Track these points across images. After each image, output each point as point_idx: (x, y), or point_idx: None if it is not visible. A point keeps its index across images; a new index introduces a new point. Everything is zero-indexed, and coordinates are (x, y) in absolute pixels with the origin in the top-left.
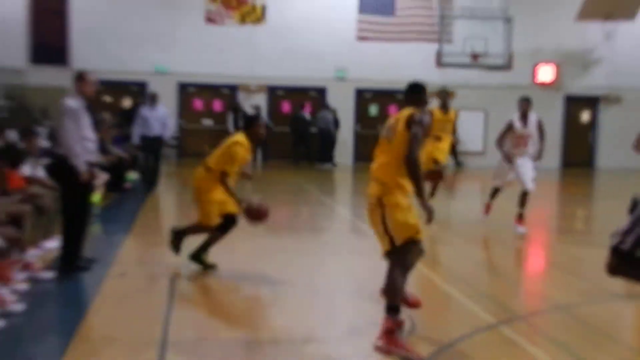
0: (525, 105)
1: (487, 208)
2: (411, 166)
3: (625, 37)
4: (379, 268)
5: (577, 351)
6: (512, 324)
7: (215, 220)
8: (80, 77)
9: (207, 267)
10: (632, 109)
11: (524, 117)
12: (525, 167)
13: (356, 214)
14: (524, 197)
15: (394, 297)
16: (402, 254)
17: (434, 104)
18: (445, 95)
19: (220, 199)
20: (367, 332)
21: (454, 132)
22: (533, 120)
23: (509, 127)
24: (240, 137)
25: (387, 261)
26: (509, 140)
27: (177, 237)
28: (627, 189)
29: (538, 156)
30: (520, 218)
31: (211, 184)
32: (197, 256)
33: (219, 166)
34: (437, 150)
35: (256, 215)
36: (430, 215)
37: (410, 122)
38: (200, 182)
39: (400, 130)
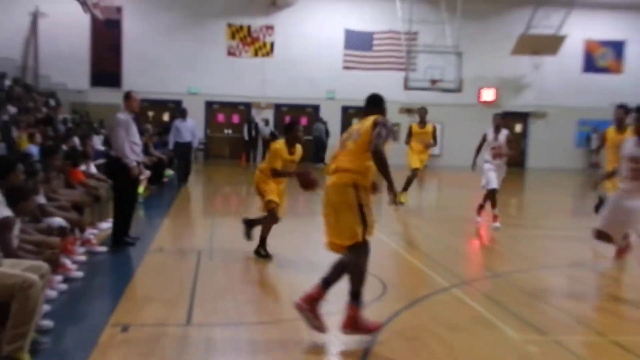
0: (498, 119)
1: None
2: (377, 158)
3: (549, 68)
4: None
5: (511, 308)
6: (461, 287)
7: (277, 198)
8: (127, 96)
9: (249, 238)
10: (554, 122)
11: (497, 130)
12: (497, 178)
13: None
14: (493, 197)
15: (361, 284)
16: (361, 251)
17: (414, 120)
18: (423, 113)
19: (275, 191)
20: (385, 306)
21: (434, 142)
22: (504, 134)
23: (483, 139)
24: (277, 142)
25: (349, 252)
26: (485, 150)
27: (249, 225)
28: (550, 184)
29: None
30: (494, 216)
31: (264, 179)
32: (249, 224)
33: (267, 165)
34: (414, 159)
35: (307, 182)
36: (394, 198)
37: (375, 123)
38: (257, 180)
39: (367, 131)
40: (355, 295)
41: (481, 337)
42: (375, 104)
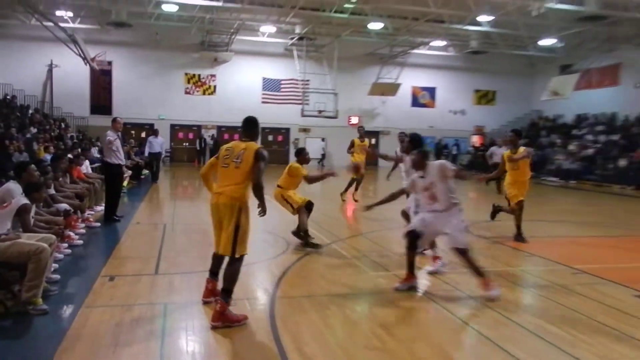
0: (402, 137)
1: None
2: (258, 189)
3: (391, 103)
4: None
5: (368, 255)
6: (338, 243)
7: (302, 203)
8: (114, 120)
9: (312, 245)
10: (394, 137)
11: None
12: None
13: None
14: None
15: (233, 284)
16: (239, 261)
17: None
18: (362, 131)
19: (298, 196)
20: (288, 257)
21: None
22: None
23: (396, 155)
24: (294, 164)
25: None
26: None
27: (304, 237)
28: (393, 177)
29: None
30: None
31: (285, 192)
32: (299, 234)
33: (286, 181)
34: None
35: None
36: (264, 211)
37: (258, 156)
38: (279, 194)
39: (249, 160)
40: (227, 293)
41: (349, 274)
42: (252, 126)
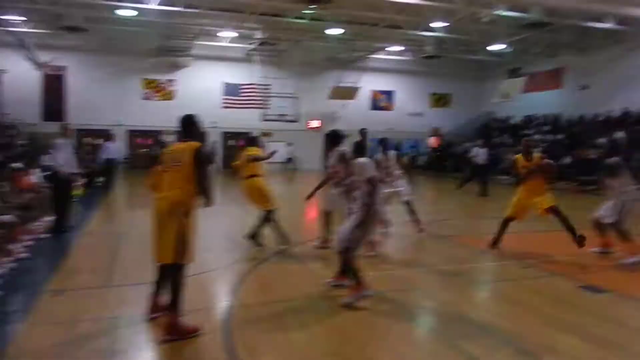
0: (384, 143)
1: None
2: (208, 194)
3: (351, 107)
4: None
5: (322, 256)
6: (297, 247)
7: (275, 203)
8: (64, 127)
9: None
10: (354, 139)
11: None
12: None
13: (232, 198)
14: (409, 206)
15: (179, 295)
16: (182, 269)
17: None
18: (364, 133)
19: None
20: (245, 264)
21: None
22: (392, 155)
23: (378, 162)
24: (258, 150)
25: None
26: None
27: (255, 236)
28: None
29: (410, 188)
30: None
31: (264, 182)
32: (253, 237)
33: (254, 168)
34: None
35: None
36: (210, 203)
37: (199, 159)
38: (255, 185)
39: (188, 161)
40: (174, 304)
41: (303, 275)
42: (189, 124)
